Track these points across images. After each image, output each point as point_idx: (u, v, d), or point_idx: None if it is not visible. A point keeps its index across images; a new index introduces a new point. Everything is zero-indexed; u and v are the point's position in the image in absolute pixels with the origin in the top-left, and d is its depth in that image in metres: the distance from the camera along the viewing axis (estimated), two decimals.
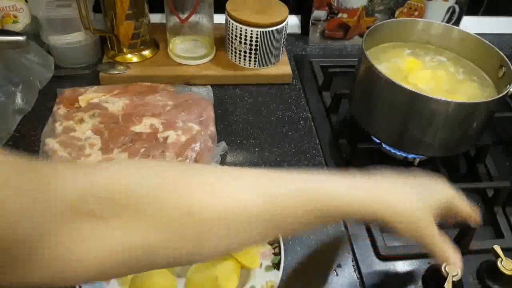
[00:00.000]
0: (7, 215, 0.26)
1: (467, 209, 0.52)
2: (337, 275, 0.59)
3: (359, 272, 0.59)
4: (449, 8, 1.01)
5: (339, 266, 0.60)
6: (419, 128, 0.64)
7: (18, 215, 0.27)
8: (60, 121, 0.72)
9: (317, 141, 0.77)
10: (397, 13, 1.00)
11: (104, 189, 0.32)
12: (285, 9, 0.85)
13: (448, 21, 1.03)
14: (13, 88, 0.75)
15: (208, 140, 0.71)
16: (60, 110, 0.74)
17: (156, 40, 0.91)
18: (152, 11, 0.86)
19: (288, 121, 0.81)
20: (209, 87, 0.83)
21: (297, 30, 1.05)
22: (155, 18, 0.95)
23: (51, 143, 0.68)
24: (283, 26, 0.84)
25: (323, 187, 0.40)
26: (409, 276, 0.59)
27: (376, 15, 0.99)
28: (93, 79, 0.83)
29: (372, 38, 0.72)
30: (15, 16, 0.82)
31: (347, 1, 0.96)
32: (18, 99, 0.75)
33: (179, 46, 0.89)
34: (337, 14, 0.98)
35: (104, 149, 0.68)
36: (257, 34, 0.83)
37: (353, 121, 0.74)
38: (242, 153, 0.74)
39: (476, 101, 0.64)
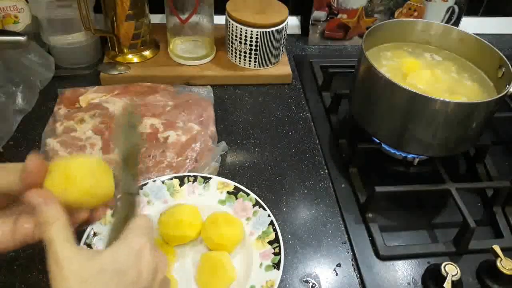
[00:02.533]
0: None
1: None
2: (337, 275, 0.59)
3: (359, 272, 0.59)
4: (448, 9, 1.01)
5: (339, 266, 0.60)
6: (418, 128, 0.64)
7: None
8: (61, 121, 0.72)
9: (317, 141, 0.77)
10: (396, 13, 1.00)
11: None
12: (285, 9, 0.86)
13: (447, 22, 1.03)
14: (13, 88, 0.75)
15: (208, 140, 0.71)
16: (60, 110, 0.74)
17: (156, 40, 0.91)
18: (152, 11, 0.87)
19: (288, 121, 0.81)
20: (209, 87, 0.83)
21: (297, 31, 1.05)
22: (156, 18, 0.95)
23: (51, 143, 0.68)
24: (283, 27, 0.84)
25: None
26: (409, 276, 0.59)
27: (376, 15, 0.99)
28: (94, 79, 0.84)
29: (372, 38, 0.72)
30: (16, 16, 0.82)
31: (346, 1, 0.96)
32: (19, 99, 0.76)
33: (179, 47, 0.89)
34: (337, 14, 0.98)
35: (104, 149, 0.68)
36: (257, 35, 0.83)
37: (353, 121, 0.74)
38: (242, 153, 0.74)
39: (476, 101, 0.64)
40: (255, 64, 0.88)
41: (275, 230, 0.58)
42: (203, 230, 0.58)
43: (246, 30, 0.82)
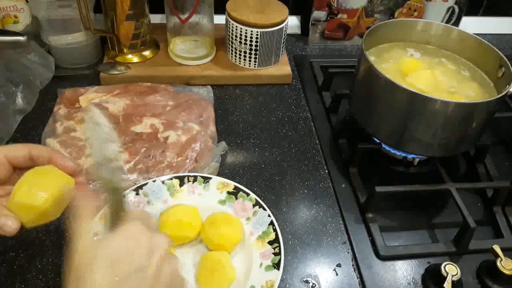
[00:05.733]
0: None
1: None
2: (337, 275, 0.59)
3: (359, 272, 0.59)
4: (448, 9, 1.01)
5: (339, 266, 0.60)
6: (419, 128, 0.64)
7: None
8: (61, 121, 0.72)
9: (317, 141, 0.77)
10: (396, 13, 1.00)
11: None
12: (285, 9, 0.86)
13: (447, 22, 1.03)
14: (13, 88, 0.75)
15: (208, 140, 0.71)
16: (60, 110, 0.74)
17: (156, 40, 0.91)
18: (152, 11, 0.87)
19: (288, 121, 0.81)
20: (209, 87, 0.83)
21: (297, 31, 1.05)
22: (156, 18, 0.95)
23: (51, 143, 0.68)
24: (283, 27, 0.84)
25: None
26: (409, 276, 0.59)
27: (376, 15, 0.99)
28: (94, 79, 0.84)
29: (372, 38, 0.72)
30: (15, 16, 0.82)
31: (346, 1, 0.96)
32: (19, 99, 0.76)
33: (179, 47, 0.89)
34: (337, 14, 0.98)
35: None
36: (257, 34, 0.83)
37: (353, 121, 0.74)
38: (242, 153, 0.74)
39: (476, 101, 0.64)
40: (255, 64, 0.88)
41: (275, 230, 0.58)
42: (203, 230, 0.58)
43: (246, 30, 0.82)
